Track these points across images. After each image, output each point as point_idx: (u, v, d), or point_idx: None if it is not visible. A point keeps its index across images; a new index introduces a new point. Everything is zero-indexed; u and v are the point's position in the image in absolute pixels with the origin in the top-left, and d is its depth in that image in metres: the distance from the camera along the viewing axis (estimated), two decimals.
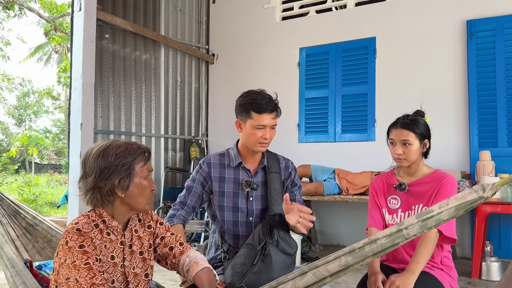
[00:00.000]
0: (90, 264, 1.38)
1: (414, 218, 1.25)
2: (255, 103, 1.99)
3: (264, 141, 2.04)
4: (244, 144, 2.11)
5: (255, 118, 2.00)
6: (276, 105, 2.05)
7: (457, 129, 5.02)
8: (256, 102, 2.00)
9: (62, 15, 13.07)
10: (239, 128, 2.09)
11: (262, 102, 1.99)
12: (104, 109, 5.47)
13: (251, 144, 2.06)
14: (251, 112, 2.01)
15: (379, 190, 2.16)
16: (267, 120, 2.01)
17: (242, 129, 2.07)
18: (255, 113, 2.00)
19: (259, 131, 2.01)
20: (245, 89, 2.14)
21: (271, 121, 2.02)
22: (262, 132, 2.02)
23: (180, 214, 2.11)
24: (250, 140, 2.05)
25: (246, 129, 2.04)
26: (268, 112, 2.01)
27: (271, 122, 2.02)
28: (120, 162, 1.46)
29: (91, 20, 4.37)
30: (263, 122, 2.00)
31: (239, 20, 6.62)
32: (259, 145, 2.05)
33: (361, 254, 1.27)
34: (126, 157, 1.48)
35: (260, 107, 1.99)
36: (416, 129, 2.00)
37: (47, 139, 23.89)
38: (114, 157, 1.46)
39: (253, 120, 2.01)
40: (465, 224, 4.90)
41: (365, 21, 5.63)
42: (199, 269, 1.59)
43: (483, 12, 4.92)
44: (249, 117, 2.01)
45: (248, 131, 2.03)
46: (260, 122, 2.00)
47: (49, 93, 24.48)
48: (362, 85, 5.59)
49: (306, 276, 1.32)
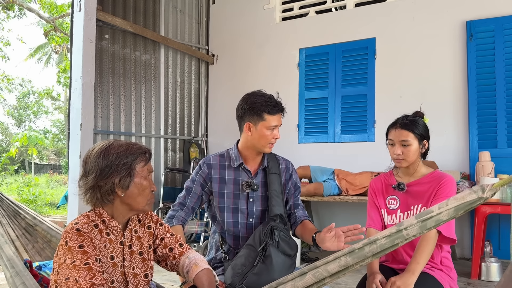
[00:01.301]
0: (89, 264, 1.38)
1: (413, 218, 1.25)
2: (269, 105, 2.03)
3: (274, 142, 2.08)
4: (252, 146, 2.10)
5: (268, 119, 2.03)
6: (282, 105, 2.09)
7: (457, 130, 5.02)
8: (269, 104, 2.03)
9: (62, 16, 13.07)
10: (248, 131, 2.07)
11: (273, 104, 2.04)
12: (104, 109, 5.47)
13: (262, 146, 2.08)
14: (264, 114, 2.03)
15: (378, 191, 2.16)
16: (277, 120, 2.06)
17: (252, 132, 2.06)
18: (268, 115, 2.03)
19: (271, 132, 2.05)
20: (244, 89, 2.14)
21: (280, 121, 2.08)
22: (273, 132, 2.06)
23: (179, 215, 2.11)
24: (261, 142, 2.06)
25: (258, 131, 2.05)
26: (279, 113, 2.06)
27: (280, 122, 2.08)
28: (121, 161, 1.47)
29: (91, 20, 4.38)
30: (275, 123, 2.05)
31: (239, 21, 6.63)
32: (269, 146, 2.09)
33: (361, 255, 1.27)
34: (127, 156, 1.49)
35: (273, 108, 2.03)
36: (415, 129, 2.00)
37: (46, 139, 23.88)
38: (115, 156, 1.47)
39: (266, 122, 2.03)
40: (464, 225, 4.90)
41: (364, 21, 5.63)
42: (199, 270, 1.59)
43: (482, 13, 4.93)
44: (262, 119, 2.03)
45: (260, 133, 2.05)
46: (273, 122, 2.04)
47: (49, 93, 24.49)
48: (361, 86, 5.60)
49: (306, 276, 1.32)
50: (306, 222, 2.18)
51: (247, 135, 2.08)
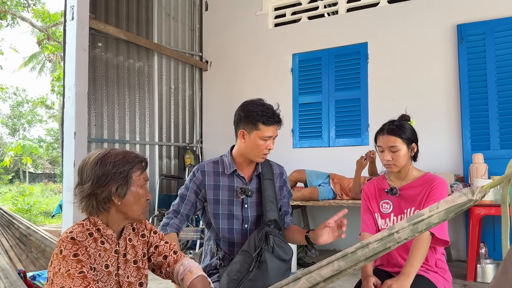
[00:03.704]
0: (84, 273, 1.37)
1: (405, 222, 1.26)
2: (265, 116, 2.00)
3: (267, 152, 2.06)
4: (244, 153, 2.10)
5: (262, 129, 2.01)
6: (279, 117, 2.07)
7: (450, 132, 5.05)
8: (265, 114, 2.01)
9: (55, 24, 13.06)
10: (242, 138, 2.07)
11: (269, 115, 2.01)
12: (98, 117, 5.47)
13: (254, 155, 2.07)
14: (258, 124, 2.01)
15: (371, 195, 2.17)
16: (272, 131, 2.03)
17: (246, 140, 2.06)
18: (263, 125, 2.01)
19: (264, 143, 2.03)
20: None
21: (275, 132, 2.06)
22: (267, 143, 2.04)
23: (174, 223, 2.10)
24: (254, 151, 2.05)
25: (251, 140, 2.04)
26: (275, 124, 2.03)
27: (275, 133, 2.06)
28: (118, 169, 1.48)
29: (84, 29, 4.38)
30: (269, 134, 2.02)
31: (232, 27, 6.65)
32: (262, 156, 2.07)
33: (354, 259, 1.28)
34: (124, 165, 1.49)
35: (268, 119, 2.00)
36: (402, 134, 2.02)
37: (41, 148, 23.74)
38: (113, 165, 1.48)
39: (260, 132, 2.01)
40: (459, 227, 4.92)
41: (356, 26, 5.67)
42: (194, 277, 1.59)
43: (473, 16, 4.98)
44: (256, 129, 2.02)
45: (253, 142, 2.03)
46: (267, 133, 2.01)
47: (42, 102, 24.37)
48: (355, 90, 5.62)
49: (299, 281, 1.33)
50: (292, 226, 2.23)
51: (241, 142, 2.08)
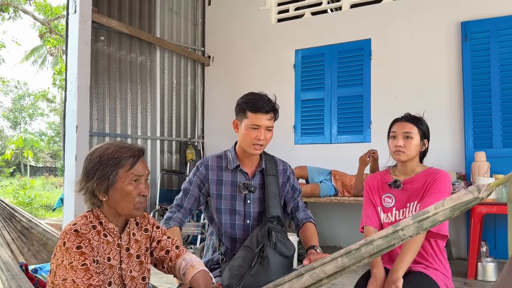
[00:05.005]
0: (87, 265, 1.37)
1: (410, 219, 1.25)
2: (251, 103, 2.00)
3: (258, 143, 2.01)
4: (240, 145, 2.11)
5: (250, 117, 2.00)
6: (273, 106, 2.04)
7: (452, 130, 5.04)
8: (252, 101, 2.00)
9: (57, 18, 13.04)
10: (235, 128, 2.09)
11: (258, 102, 1.99)
12: (100, 111, 5.46)
13: (246, 145, 2.06)
14: (246, 112, 2.01)
15: (374, 188, 2.17)
16: (262, 120, 1.99)
17: (238, 129, 2.07)
18: (250, 113, 2.00)
19: (253, 132, 2.00)
20: (241, 91, 2.14)
21: (266, 122, 2.01)
22: (256, 132, 2.00)
23: (177, 217, 2.10)
24: (244, 141, 2.05)
25: (241, 129, 2.04)
26: (263, 113, 1.99)
27: (266, 123, 2.01)
28: (101, 165, 1.46)
29: (86, 22, 4.37)
30: (257, 122, 1.99)
31: (234, 22, 6.63)
32: (253, 147, 2.03)
33: (358, 255, 1.27)
34: (108, 161, 1.47)
35: (255, 106, 1.99)
36: (419, 124, 2.07)
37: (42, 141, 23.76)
38: (97, 161, 1.47)
39: (248, 120, 2.00)
40: (461, 225, 4.91)
41: (360, 23, 5.65)
42: (196, 272, 1.58)
43: (477, 14, 4.95)
44: (245, 117, 2.02)
45: (243, 131, 2.03)
46: (255, 121, 1.99)
47: (44, 95, 24.39)
48: (357, 87, 5.61)
49: (302, 277, 1.32)
50: (306, 226, 2.17)
51: (236, 133, 2.10)
